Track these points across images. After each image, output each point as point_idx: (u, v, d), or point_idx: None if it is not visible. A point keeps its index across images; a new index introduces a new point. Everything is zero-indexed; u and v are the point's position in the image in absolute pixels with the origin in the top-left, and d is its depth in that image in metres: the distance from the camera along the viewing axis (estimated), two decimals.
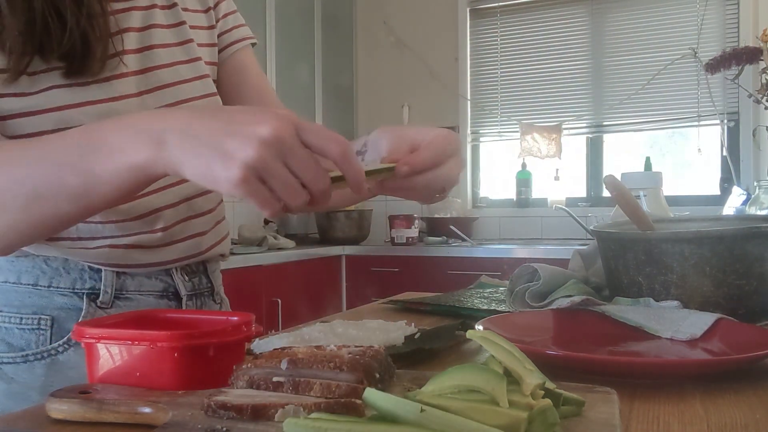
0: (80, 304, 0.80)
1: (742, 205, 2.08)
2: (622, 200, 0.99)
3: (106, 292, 0.81)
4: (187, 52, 0.87)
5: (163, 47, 0.85)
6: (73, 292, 0.80)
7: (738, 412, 0.55)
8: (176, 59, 0.86)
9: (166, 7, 0.88)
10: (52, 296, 0.80)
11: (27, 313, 0.79)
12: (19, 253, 0.78)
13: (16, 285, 0.79)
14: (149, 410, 0.51)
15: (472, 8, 3.91)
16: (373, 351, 0.55)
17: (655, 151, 3.62)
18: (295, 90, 3.53)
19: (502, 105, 3.86)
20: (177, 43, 0.87)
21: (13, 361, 0.78)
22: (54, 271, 0.80)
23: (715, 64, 1.96)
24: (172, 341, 0.56)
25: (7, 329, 0.79)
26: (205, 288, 0.92)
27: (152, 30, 0.84)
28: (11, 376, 0.78)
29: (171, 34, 0.87)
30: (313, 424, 0.40)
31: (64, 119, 0.74)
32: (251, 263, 2.73)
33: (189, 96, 0.85)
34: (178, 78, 0.85)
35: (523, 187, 3.79)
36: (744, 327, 0.78)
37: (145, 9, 0.85)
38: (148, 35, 0.84)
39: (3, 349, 0.78)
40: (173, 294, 0.87)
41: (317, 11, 3.70)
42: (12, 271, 0.79)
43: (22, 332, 0.79)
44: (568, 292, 0.93)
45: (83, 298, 0.80)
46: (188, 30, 0.89)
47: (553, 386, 0.47)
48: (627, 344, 0.78)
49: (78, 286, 0.80)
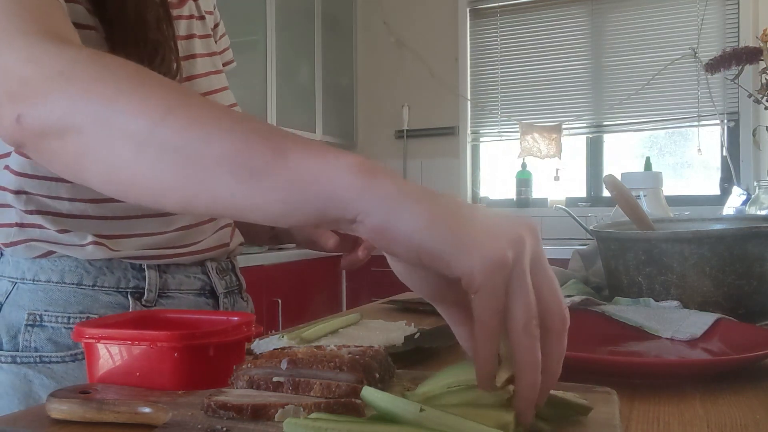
0: (125, 302, 0.80)
1: (742, 205, 2.08)
2: (622, 200, 1.00)
3: (151, 291, 0.82)
4: (214, 63, 0.92)
5: (201, 57, 0.89)
6: (117, 291, 0.80)
7: (738, 412, 0.55)
8: (208, 69, 0.90)
9: (199, 18, 0.92)
10: (96, 295, 0.79)
11: (74, 312, 0.78)
12: (61, 254, 0.78)
13: (59, 285, 0.79)
14: (149, 410, 0.51)
15: (472, 8, 3.91)
16: (373, 351, 0.55)
17: (655, 151, 3.62)
18: (295, 90, 3.53)
19: (502, 105, 3.86)
20: (208, 53, 0.91)
21: (62, 360, 0.78)
22: (98, 270, 0.79)
23: (715, 64, 1.96)
24: (172, 341, 0.56)
25: (54, 329, 0.78)
26: (235, 286, 0.94)
27: (193, 39, 0.89)
28: (62, 375, 0.78)
29: (204, 44, 0.91)
30: (313, 424, 0.40)
31: None
32: (251, 263, 2.73)
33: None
34: (211, 88, 0.89)
35: (523, 187, 3.79)
36: (744, 327, 0.78)
37: (188, 18, 0.88)
38: (191, 44, 0.88)
39: (51, 349, 0.78)
40: (210, 292, 0.88)
41: (317, 11, 3.70)
42: (55, 271, 0.79)
43: (69, 332, 0.78)
44: (568, 292, 0.93)
45: (128, 296, 0.80)
46: (214, 43, 0.94)
47: (556, 393, 0.47)
48: (627, 344, 0.78)
49: (122, 285, 0.80)
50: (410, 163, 4.03)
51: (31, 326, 0.77)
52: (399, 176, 0.45)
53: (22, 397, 0.77)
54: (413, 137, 4.02)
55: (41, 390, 0.76)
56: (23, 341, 0.77)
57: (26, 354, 0.77)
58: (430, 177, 3.98)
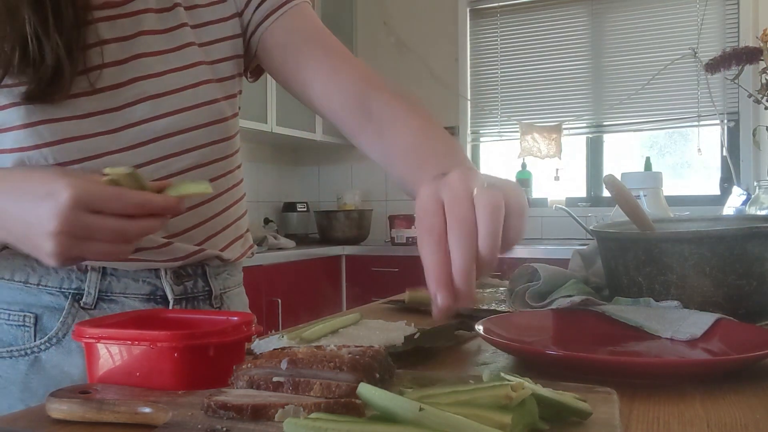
0: (64, 303, 0.80)
1: (742, 205, 2.08)
2: (622, 200, 1.00)
3: (90, 293, 0.81)
4: (182, 57, 0.83)
5: (153, 55, 0.82)
6: (60, 291, 0.80)
7: (738, 412, 0.55)
8: (169, 67, 0.82)
9: (162, 10, 0.84)
10: (40, 294, 0.80)
11: (15, 309, 0.80)
12: (15, 251, 0.78)
13: (9, 282, 0.80)
14: (149, 410, 0.51)
15: (472, 8, 3.91)
16: (373, 351, 0.55)
17: (655, 151, 3.63)
18: None
19: (502, 105, 3.86)
20: (171, 49, 0.83)
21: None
22: (44, 269, 0.80)
23: (715, 64, 1.96)
24: (172, 341, 0.56)
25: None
26: (201, 292, 0.89)
27: (140, 38, 0.81)
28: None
29: (163, 39, 0.83)
30: (313, 424, 0.40)
31: (20, 138, 0.74)
32: (251, 263, 2.73)
33: (181, 106, 0.82)
34: (168, 88, 0.82)
35: (523, 187, 3.78)
36: (744, 327, 0.78)
37: (133, 15, 0.81)
38: (135, 43, 0.81)
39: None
40: (161, 297, 0.85)
41: (317, 11, 3.68)
42: (7, 268, 0.80)
43: (9, 328, 0.80)
44: (568, 292, 0.93)
45: (68, 297, 0.80)
46: (188, 32, 0.85)
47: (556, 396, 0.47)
48: (627, 344, 0.78)
49: (65, 286, 0.80)
50: None
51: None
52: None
53: None
54: None
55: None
56: None
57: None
58: None
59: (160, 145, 0.81)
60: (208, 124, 0.85)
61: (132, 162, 0.77)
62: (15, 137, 0.74)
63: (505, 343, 0.71)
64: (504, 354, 0.76)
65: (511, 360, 0.74)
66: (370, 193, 4.10)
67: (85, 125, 0.76)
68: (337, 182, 4.18)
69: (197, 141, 0.84)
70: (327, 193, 4.18)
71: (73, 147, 0.76)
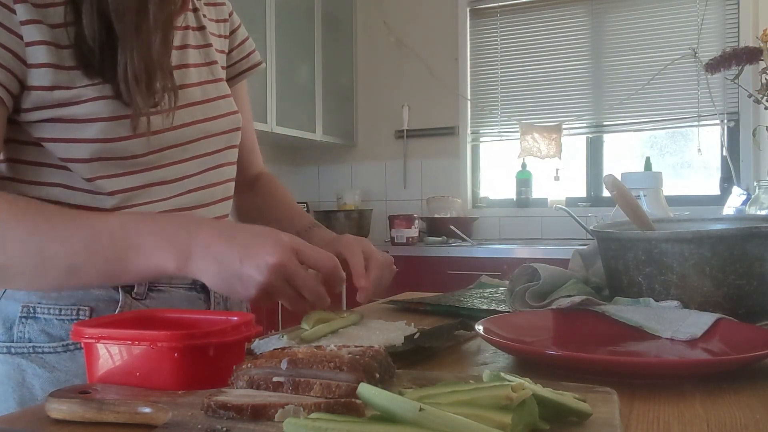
0: (116, 296, 0.83)
1: (742, 205, 2.08)
2: (622, 200, 1.00)
3: (141, 284, 0.85)
4: (212, 72, 0.94)
5: (195, 66, 0.91)
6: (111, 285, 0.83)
7: (738, 412, 0.55)
8: (203, 78, 0.92)
9: (197, 29, 0.95)
10: (88, 289, 0.82)
11: (66, 304, 0.82)
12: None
13: None
14: (149, 410, 0.51)
15: (472, 8, 3.91)
16: (373, 351, 0.55)
17: (655, 151, 3.63)
18: (295, 90, 3.53)
19: (502, 105, 3.86)
20: (204, 63, 0.93)
21: (54, 351, 0.81)
22: None
23: (715, 64, 1.96)
24: (172, 341, 0.56)
25: (46, 321, 0.81)
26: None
27: (186, 50, 0.91)
28: (54, 365, 0.81)
29: (200, 54, 0.93)
30: (313, 424, 0.40)
31: (101, 129, 0.78)
32: None
33: (216, 114, 0.91)
34: (206, 96, 0.91)
35: (523, 187, 3.79)
36: (744, 327, 0.78)
37: (182, 29, 0.91)
38: (184, 54, 0.90)
39: (44, 340, 0.81)
40: (201, 286, 0.90)
41: (317, 11, 3.70)
42: None
43: (61, 323, 0.81)
44: (568, 292, 0.93)
45: (119, 290, 0.83)
46: (214, 52, 0.96)
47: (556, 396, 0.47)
48: (627, 344, 0.78)
49: None
50: (410, 163, 4.03)
51: (25, 318, 0.81)
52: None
53: (16, 386, 0.80)
54: (413, 137, 4.02)
55: (34, 379, 0.80)
56: (17, 332, 0.81)
57: (20, 345, 0.81)
58: (430, 177, 3.98)
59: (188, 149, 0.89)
60: (231, 130, 0.95)
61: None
62: (100, 128, 0.78)
63: (505, 343, 0.71)
64: (504, 354, 0.76)
65: (511, 360, 0.74)
66: (370, 193, 4.10)
67: (154, 120, 0.82)
68: (337, 182, 4.18)
69: (219, 145, 0.93)
70: (327, 193, 4.18)
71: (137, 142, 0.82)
